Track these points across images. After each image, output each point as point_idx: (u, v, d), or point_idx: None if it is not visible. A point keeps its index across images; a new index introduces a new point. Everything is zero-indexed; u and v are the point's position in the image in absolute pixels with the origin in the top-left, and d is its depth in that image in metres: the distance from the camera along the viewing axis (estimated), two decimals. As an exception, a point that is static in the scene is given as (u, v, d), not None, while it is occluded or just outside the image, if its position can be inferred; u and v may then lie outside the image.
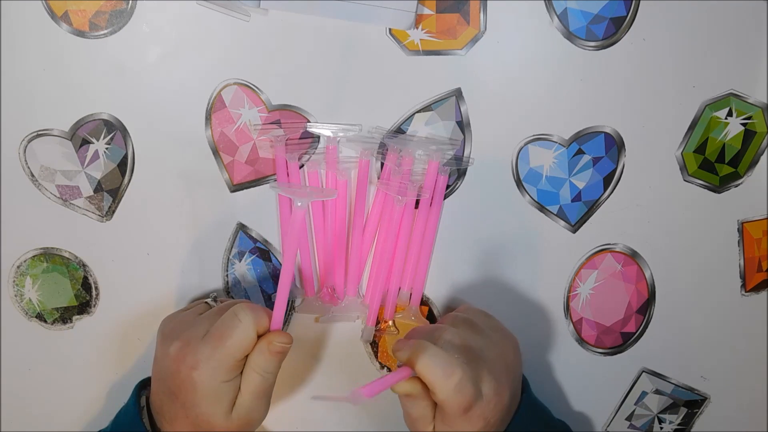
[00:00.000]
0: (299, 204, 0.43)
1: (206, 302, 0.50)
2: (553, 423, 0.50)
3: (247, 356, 0.44)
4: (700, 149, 0.55)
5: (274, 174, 0.53)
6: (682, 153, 0.55)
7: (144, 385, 0.49)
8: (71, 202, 0.52)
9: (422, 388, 0.43)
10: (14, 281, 0.53)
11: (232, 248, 0.54)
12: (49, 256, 0.53)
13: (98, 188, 0.52)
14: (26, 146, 0.51)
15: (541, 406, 0.50)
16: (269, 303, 0.54)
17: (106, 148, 0.51)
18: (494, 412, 0.44)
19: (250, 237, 0.54)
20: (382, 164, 0.53)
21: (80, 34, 0.50)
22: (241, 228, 0.53)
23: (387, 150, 0.52)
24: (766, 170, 0.56)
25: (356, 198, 0.53)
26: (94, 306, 0.54)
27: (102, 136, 0.51)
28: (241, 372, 0.44)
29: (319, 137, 0.53)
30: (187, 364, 0.43)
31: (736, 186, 0.56)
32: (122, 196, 0.52)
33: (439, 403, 0.43)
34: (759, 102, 0.55)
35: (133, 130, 0.51)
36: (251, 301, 0.50)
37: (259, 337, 0.44)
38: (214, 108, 0.52)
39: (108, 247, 0.53)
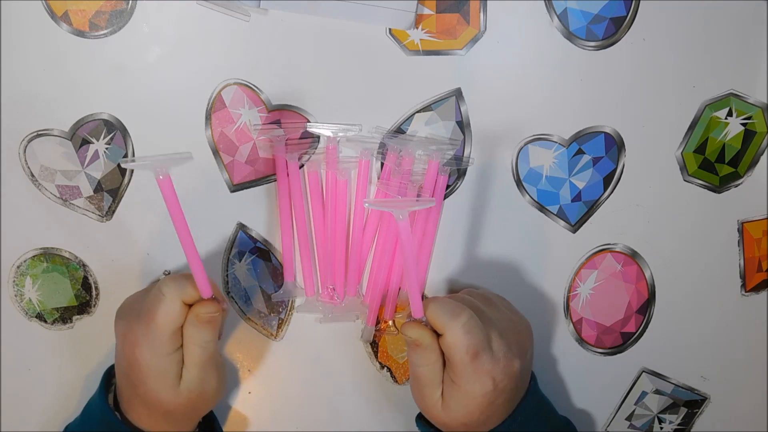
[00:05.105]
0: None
1: (160, 279, 0.49)
2: (556, 418, 0.50)
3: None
4: (700, 149, 0.55)
5: (274, 174, 0.53)
6: (682, 153, 0.55)
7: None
8: (71, 202, 0.52)
9: (431, 336, 0.44)
10: (14, 281, 0.53)
11: (232, 248, 0.54)
12: (49, 256, 0.53)
13: (98, 188, 0.52)
14: (26, 146, 0.51)
15: (546, 400, 0.50)
16: (269, 304, 0.54)
17: (106, 148, 0.51)
18: (503, 375, 0.43)
19: (250, 237, 0.54)
20: (382, 164, 0.53)
21: (80, 34, 0.50)
22: (241, 228, 0.53)
23: (387, 150, 0.52)
24: (766, 170, 0.56)
25: (356, 198, 0.53)
26: (94, 306, 0.54)
27: (102, 136, 0.51)
28: (183, 345, 0.45)
29: (319, 137, 0.53)
30: (129, 343, 0.44)
31: (736, 186, 0.56)
32: (122, 196, 0.52)
33: (447, 349, 0.43)
34: (759, 102, 0.55)
35: (133, 130, 0.51)
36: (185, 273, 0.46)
37: (192, 306, 0.44)
38: (214, 108, 0.52)
39: (108, 247, 0.53)
